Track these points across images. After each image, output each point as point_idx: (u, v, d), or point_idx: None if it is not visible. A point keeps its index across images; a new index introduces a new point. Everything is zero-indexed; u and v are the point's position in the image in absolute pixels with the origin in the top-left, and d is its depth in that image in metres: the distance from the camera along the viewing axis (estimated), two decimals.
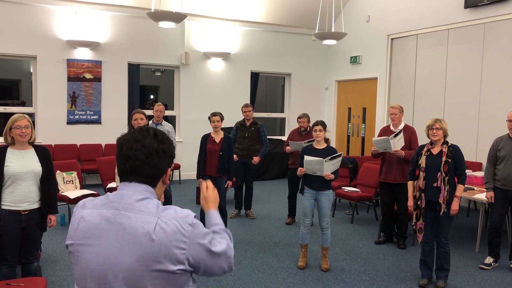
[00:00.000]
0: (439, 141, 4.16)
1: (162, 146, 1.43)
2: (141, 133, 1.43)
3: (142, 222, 1.34)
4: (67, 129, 8.49)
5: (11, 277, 3.34)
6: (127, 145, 1.42)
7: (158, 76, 13.83)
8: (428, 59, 8.33)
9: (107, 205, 1.40)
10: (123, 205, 1.38)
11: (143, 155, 1.40)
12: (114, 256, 1.33)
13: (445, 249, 4.14)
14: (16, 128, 3.29)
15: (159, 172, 1.44)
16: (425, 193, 4.16)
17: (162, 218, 1.34)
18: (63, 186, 6.18)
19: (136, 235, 1.32)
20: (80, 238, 1.39)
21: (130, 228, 1.33)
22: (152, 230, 1.32)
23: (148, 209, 1.37)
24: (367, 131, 9.74)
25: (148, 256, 1.31)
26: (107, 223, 1.36)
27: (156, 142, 1.42)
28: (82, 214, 1.42)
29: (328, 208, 4.57)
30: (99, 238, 1.36)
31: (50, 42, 8.23)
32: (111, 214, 1.38)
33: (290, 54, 10.57)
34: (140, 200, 1.38)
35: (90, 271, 1.37)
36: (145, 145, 1.40)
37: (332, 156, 4.40)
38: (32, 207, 3.37)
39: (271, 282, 4.27)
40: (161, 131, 1.48)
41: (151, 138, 1.42)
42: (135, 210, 1.36)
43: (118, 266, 1.33)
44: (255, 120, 6.72)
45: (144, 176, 1.41)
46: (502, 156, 4.68)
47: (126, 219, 1.35)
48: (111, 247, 1.34)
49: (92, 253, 1.36)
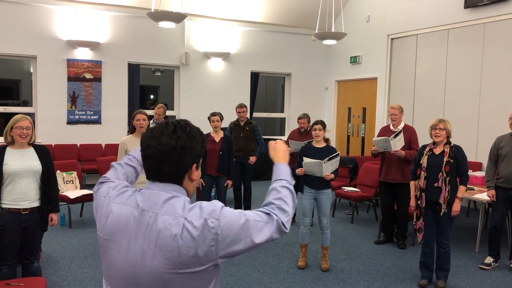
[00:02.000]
0: (441, 142, 4.16)
1: (180, 143, 1.33)
2: (159, 129, 1.36)
3: (169, 224, 1.30)
4: (67, 129, 8.49)
5: (11, 277, 3.35)
6: (145, 142, 1.37)
7: (158, 76, 13.83)
8: (428, 59, 8.33)
9: (135, 204, 1.37)
10: (150, 205, 1.34)
11: (159, 153, 1.33)
12: (141, 259, 1.31)
13: (446, 249, 4.14)
14: (17, 128, 3.30)
15: (180, 171, 1.36)
16: (425, 193, 4.16)
17: (189, 218, 1.30)
18: (63, 186, 6.18)
19: (163, 238, 1.29)
20: (108, 234, 1.38)
21: (157, 231, 1.30)
22: (179, 233, 1.28)
23: (175, 209, 1.32)
24: (367, 131, 9.74)
25: (176, 259, 1.28)
26: (135, 223, 1.34)
27: (174, 139, 1.33)
28: (111, 209, 1.39)
29: (327, 207, 4.57)
30: (126, 237, 1.34)
31: (50, 42, 8.23)
32: (138, 213, 1.34)
33: (290, 54, 10.57)
34: (167, 200, 1.34)
35: (117, 269, 1.35)
36: (161, 143, 1.33)
37: (330, 157, 4.40)
38: (32, 205, 3.37)
39: (271, 282, 4.27)
40: (184, 124, 1.38)
41: (169, 135, 1.34)
42: (162, 211, 1.32)
43: (145, 269, 1.31)
44: (249, 120, 6.71)
45: (164, 175, 1.36)
46: (504, 155, 4.69)
47: (153, 220, 1.32)
48: (139, 249, 1.31)
49: (120, 252, 1.34)
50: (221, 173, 5.47)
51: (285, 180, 1.51)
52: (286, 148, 1.63)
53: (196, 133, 1.39)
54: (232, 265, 4.67)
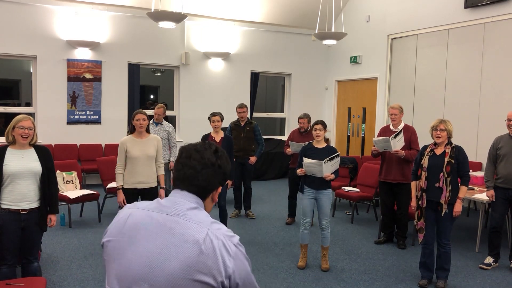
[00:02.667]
0: (443, 142, 4.16)
1: (219, 162, 1.45)
2: (203, 145, 1.47)
3: (193, 230, 1.33)
4: (67, 129, 8.49)
5: (11, 277, 3.34)
6: (186, 153, 1.45)
7: (158, 76, 13.83)
8: (428, 59, 8.33)
9: (158, 209, 1.40)
10: (175, 211, 1.38)
11: (199, 165, 1.42)
12: (159, 261, 1.31)
13: (446, 249, 4.14)
14: (19, 128, 3.29)
15: (211, 186, 1.45)
16: (426, 193, 4.16)
17: (212, 231, 1.34)
18: (63, 186, 6.18)
19: (185, 242, 1.31)
20: (126, 235, 1.38)
21: (179, 235, 1.32)
22: (202, 240, 1.31)
23: (199, 219, 1.36)
24: (367, 131, 9.74)
25: (194, 265, 1.29)
26: (157, 226, 1.36)
27: (214, 157, 1.44)
28: (131, 212, 1.43)
29: (328, 207, 4.57)
30: (145, 239, 1.35)
31: (50, 42, 8.23)
32: (162, 218, 1.37)
33: (290, 54, 10.57)
34: (192, 209, 1.39)
35: (131, 271, 1.35)
36: (203, 156, 1.43)
37: (330, 157, 4.40)
38: (31, 206, 3.36)
39: (271, 282, 4.27)
40: (222, 149, 1.51)
41: (211, 152, 1.45)
42: (186, 218, 1.36)
43: (161, 271, 1.31)
44: (249, 120, 6.71)
45: (196, 186, 1.42)
46: (502, 155, 4.69)
47: (176, 224, 1.34)
48: (158, 251, 1.32)
49: (136, 253, 1.35)
50: None
51: None
52: None
53: (229, 160, 1.52)
54: None
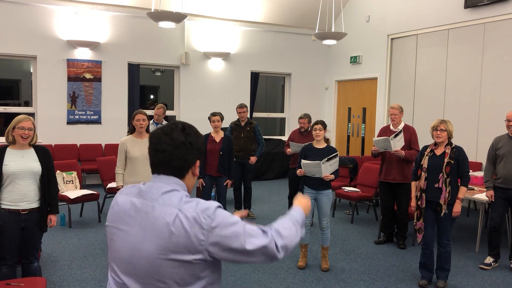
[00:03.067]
0: (443, 143, 4.16)
1: (189, 139, 1.50)
2: (169, 127, 1.51)
3: (164, 213, 1.41)
4: (67, 129, 8.49)
5: (11, 277, 3.34)
6: (156, 138, 1.50)
7: (158, 76, 13.83)
8: (428, 59, 8.33)
9: (138, 194, 1.50)
10: (150, 196, 1.47)
11: (170, 147, 1.47)
12: (138, 244, 1.43)
13: (446, 249, 4.14)
14: (19, 129, 3.29)
15: (187, 164, 1.51)
16: (426, 193, 4.16)
17: (183, 211, 1.40)
18: (63, 186, 6.18)
19: (157, 225, 1.40)
20: (113, 221, 1.53)
21: (153, 218, 1.42)
22: (171, 222, 1.39)
23: (171, 201, 1.44)
24: (367, 131, 9.74)
25: (167, 246, 1.38)
26: (135, 211, 1.47)
27: (183, 135, 1.49)
28: (117, 199, 1.55)
29: (327, 207, 4.57)
30: (127, 224, 1.47)
31: (50, 42, 8.23)
32: (139, 203, 1.48)
33: (290, 54, 10.57)
34: (167, 192, 1.46)
35: (119, 253, 1.48)
36: (172, 138, 1.48)
37: (329, 157, 4.40)
38: (31, 206, 3.36)
39: (271, 282, 4.27)
40: (189, 125, 1.55)
41: (179, 131, 1.50)
42: (159, 201, 1.44)
43: (140, 253, 1.42)
44: (249, 120, 6.71)
45: (173, 168, 1.48)
46: (502, 155, 4.69)
47: (151, 209, 1.44)
48: (136, 235, 1.44)
49: (121, 238, 1.48)
50: (221, 173, 5.47)
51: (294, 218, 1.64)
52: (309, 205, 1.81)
53: (199, 133, 1.57)
54: (232, 265, 4.67)
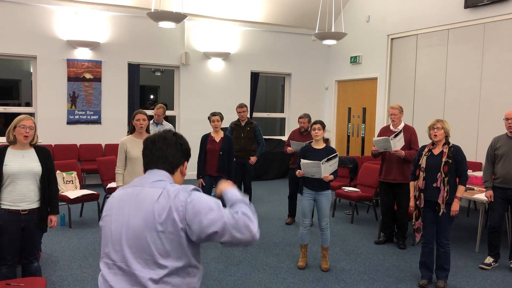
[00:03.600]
0: (440, 142, 4.16)
1: (180, 141, 1.82)
2: (163, 132, 1.85)
3: (151, 193, 1.67)
4: (67, 129, 8.49)
5: (11, 277, 3.34)
6: (151, 140, 1.80)
7: (158, 76, 13.83)
8: (428, 59, 8.33)
9: (132, 185, 1.76)
10: (140, 182, 1.75)
11: (164, 145, 1.77)
12: (127, 220, 1.66)
13: (445, 249, 4.14)
14: (21, 127, 3.29)
15: (177, 161, 1.79)
16: (424, 193, 4.16)
17: (166, 190, 1.67)
18: (63, 186, 6.18)
19: (144, 202, 1.65)
20: (107, 210, 1.76)
21: (141, 198, 1.67)
22: (156, 198, 1.64)
23: (159, 183, 1.70)
24: (367, 131, 9.74)
25: (152, 219, 1.61)
26: (127, 196, 1.72)
27: (174, 137, 1.82)
28: (114, 194, 1.80)
29: (327, 208, 4.57)
30: (120, 209, 1.70)
31: (50, 42, 8.23)
32: (131, 189, 1.74)
33: (290, 54, 10.57)
34: (156, 181, 1.72)
35: (110, 235, 1.69)
36: (166, 137, 1.80)
37: (328, 158, 4.39)
38: (31, 206, 3.36)
39: (271, 282, 4.27)
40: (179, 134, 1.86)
41: (171, 134, 1.83)
42: (147, 185, 1.71)
43: (128, 228, 1.64)
44: (249, 120, 6.71)
45: (165, 163, 1.77)
46: (501, 155, 4.69)
47: (140, 191, 1.70)
48: (126, 214, 1.67)
49: (113, 221, 1.70)
50: (221, 173, 5.47)
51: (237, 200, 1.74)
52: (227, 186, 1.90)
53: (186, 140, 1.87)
54: (232, 265, 4.67)
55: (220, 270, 4.53)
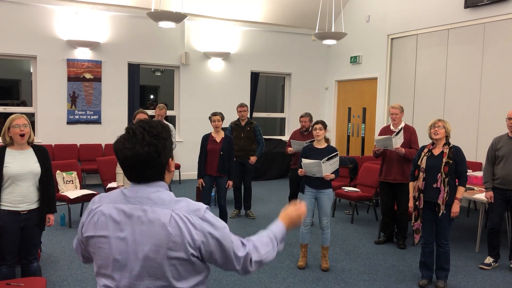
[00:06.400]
0: (440, 141, 4.15)
1: (153, 148, 1.45)
2: (130, 140, 1.46)
3: (158, 214, 1.44)
4: (67, 129, 8.49)
5: (10, 277, 3.34)
6: (121, 155, 1.47)
7: (158, 76, 13.83)
8: (428, 59, 8.33)
9: (124, 200, 1.50)
10: (139, 200, 1.48)
11: (138, 163, 1.46)
12: (134, 247, 1.44)
13: (445, 249, 4.14)
14: (14, 127, 3.27)
15: (160, 169, 1.51)
16: (424, 193, 4.16)
17: (176, 211, 1.45)
18: (63, 186, 6.17)
19: (153, 227, 1.44)
20: (101, 230, 1.49)
21: (147, 221, 1.45)
22: (167, 222, 1.43)
23: (162, 201, 1.47)
24: (367, 131, 9.74)
25: (165, 244, 1.42)
26: (126, 217, 1.47)
27: (146, 146, 1.45)
28: (101, 209, 1.52)
29: (328, 206, 4.57)
30: (118, 230, 1.47)
31: (50, 42, 8.23)
32: (128, 208, 1.48)
33: (290, 54, 10.57)
34: (154, 193, 1.49)
35: (113, 261, 1.47)
36: (136, 153, 1.44)
37: (329, 157, 4.40)
38: (31, 207, 3.36)
39: (271, 282, 4.27)
40: (149, 128, 1.48)
41: (140, 143, 1.44)
42: (150, 203, 1.47)
43: (137, 256, 1.44)
44: (249, 120, 6.71)
45: (148, 177, 1.49)
46: (501, 156, 4.67)
47: (143, 212, 1.46)
48: (131, 239, 1.45)
49: (113, 244, 1.47)
50: (221, 173, 5.47)
51: (274, 236, 1.71)
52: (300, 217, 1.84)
53: (162, 132, 1.50)
54: None
55: (220, 270, 4.52)
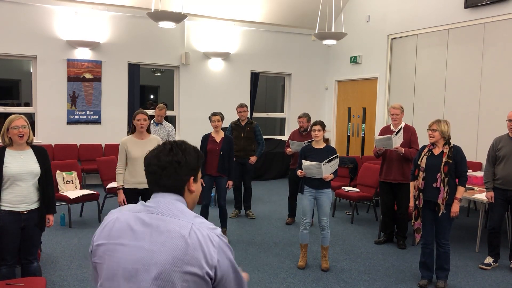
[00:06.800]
0: (439, 142, 4.15)
1: (176, 158, 1.51)
2: (159, 149, 1.55)
3: (178, 226, 1.43)
4: (67, 129, 8.49)
5: (10, 278, 3.34)
6: (147, 161, 1.55)
7: (158, 76, 13.83)
8: (428, 59, 8.33)
9: (144, 210, 1.50)
10: (160, 210, 1.48)
11: (159, 168, 1.51)
12: (149, 257, 1.41)
13: (445, 249, 4.14)
14: (13, 128, 3.27)
15: (179, 183, 1.53)
16: (424, 193, 4.16)
17: (196, 225, 1.44)
18: (63, 186, 6.17)
19: (172, 238, 1.41)
20: (115, 237, 1.47)
21: (166, 231, 1.43)
22: (187, 234, 1.41)
23: (183, 214, 1.47)
24: (367, 131, 9.74)
25: (182, 257, 1.39)
26: (143, 226, 1.46)
27: (170, 156, 1.51)
28: (117, 216, 1.52)
29: (327, 206, 4.57)
30: (134, 238, 1.45)
31: (50, 42, 8.23)
32: (147, 217, 1.47)
33: (290, 54, 10.57)
34: (174, 204, 1.49)
35: (122, 270, 1.44)
36: (160, 159, 1.51)
37: (329, 159, 4.40)
38: (31, 207, 3.36)
39: (271, 282, 4.27)
40: (180, 143, 1.57)
41: (167, 152, 1.52)
42: (170, 215, 1.46)
43: (151, 266, 1.40)
44: (249, 120, 6.71)
45: (164, 186, 1.52)
46: (502, 156, 4.67)
47: (162, 222, 1.45)
48: (147, 248, 1.42)
49: (125, 252, 1.44)
50: (221, 173, 5.47)
51: None
52: None
53: (191, 150, 1.56)
54: None
55: None
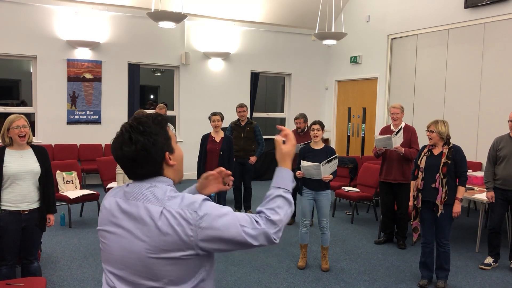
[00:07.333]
0: (438, 143, 4.15)
1: (140, 145, 1.40)
2: (118, 140, 1.44)
3: (149, 211, 1.38)
4: (67, 129, 8.49)
5: (10, 278, 3.34)
6: (114, 153, 1.47)
7: (158, 76, 13.83)
8: (428, 59, 8.33)
9: (123, 195, 1.47)
10: (134, 195, 1.44)
11: (127, 161, 1.44)
12: (127, 245, 1.40)
13: (445, 249, 4.14)
14: (14, 128, 3.28)
15: (154, 167, 1.45)
16: (422, 193, 4.16)
17: (167, 207, 1.38)
18: (63, 186, 6.17)
19: (145, 225, 1.38)
20: (103, 224, 1.50)
21: (139, 218, 1.40)
22: (157, 219, 1.36)
23: (155, 197, 1.40)
24: (367, 131, 9.74)
25: (156, 244, 1.36)
26: (121, 212, 1.44)
27: (133, 145, 1.40)
28: (104, 202, 1.53)
29: (327, 208, 4.57)
30: (115, 226, 1.45)
31: (50, 42, 8.23)
32: (123, 203, 1.45)
33: (290, 54, 10.57)
34: (149, 189, 1.43)
35: (111, 256, 1.46)
36: (124, 152, 1.42)
37: (328, 160, 4.40)
38: (31, 207, 3.36)
39: (271, 282, 4.27)
40: (136, 125, 1.43)
41: (127, 142, 1.41)
42: (142, 200, 1.41)
43: (130, 254, 1.40)
44: (249, 120, 6.71)
45: (141, 175, 1.46)
46: (503, 156, 4.67)
47: (136, 209, 1.41)
48: (125, 235, 1.41)
49: (111, 240, 1.45)
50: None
51: (283, 189, 1.50)
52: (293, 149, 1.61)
53: (151, 127, 1.43)
54: (232, 265, 4.67)
55: (220, 270, 4.52)
